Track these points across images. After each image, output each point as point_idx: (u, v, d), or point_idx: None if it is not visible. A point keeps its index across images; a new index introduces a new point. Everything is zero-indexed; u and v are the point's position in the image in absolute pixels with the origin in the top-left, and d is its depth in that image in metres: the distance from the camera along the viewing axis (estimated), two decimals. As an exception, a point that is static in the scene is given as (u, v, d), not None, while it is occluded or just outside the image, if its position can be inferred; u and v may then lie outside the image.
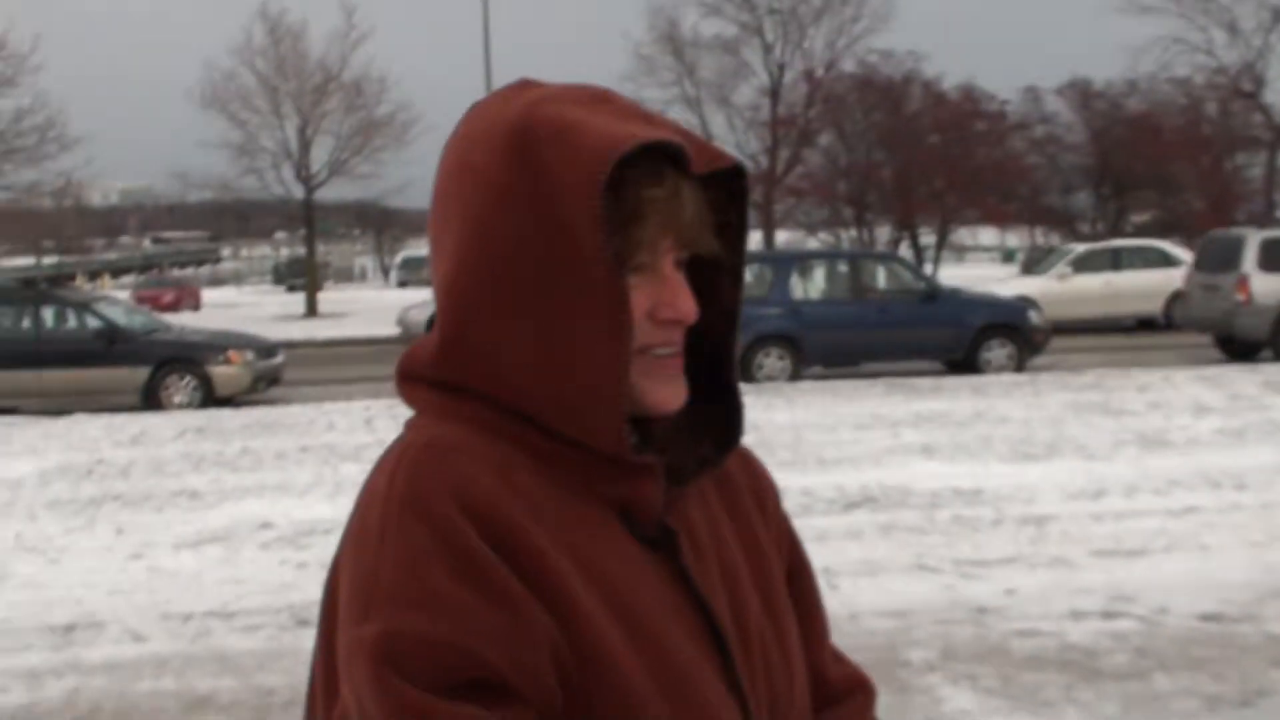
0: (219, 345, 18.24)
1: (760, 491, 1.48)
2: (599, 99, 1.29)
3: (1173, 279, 25.51)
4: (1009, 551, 7.66)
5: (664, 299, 1.26)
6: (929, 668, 5.70)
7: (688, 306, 1.26)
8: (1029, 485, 9.60)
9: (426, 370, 1.31)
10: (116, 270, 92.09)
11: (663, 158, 1.24)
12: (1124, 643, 5.97)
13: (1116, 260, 27.68)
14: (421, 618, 1.14)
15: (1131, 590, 6.77)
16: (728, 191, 1.32)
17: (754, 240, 42.52)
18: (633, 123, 1.25)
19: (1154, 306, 26.22)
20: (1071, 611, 6.45)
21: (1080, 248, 29.99)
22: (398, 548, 1.17)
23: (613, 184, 1.21)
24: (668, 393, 1.29)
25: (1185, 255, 28.36)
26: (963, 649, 5.93)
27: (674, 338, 1.28)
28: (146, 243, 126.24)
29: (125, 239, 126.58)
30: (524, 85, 1.32)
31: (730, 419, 1.39)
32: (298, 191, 44.71)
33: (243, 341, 18.96)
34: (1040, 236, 55.18)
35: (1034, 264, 32.74)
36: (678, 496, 1.32)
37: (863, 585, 6.91)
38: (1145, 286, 25.91)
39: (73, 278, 74.06)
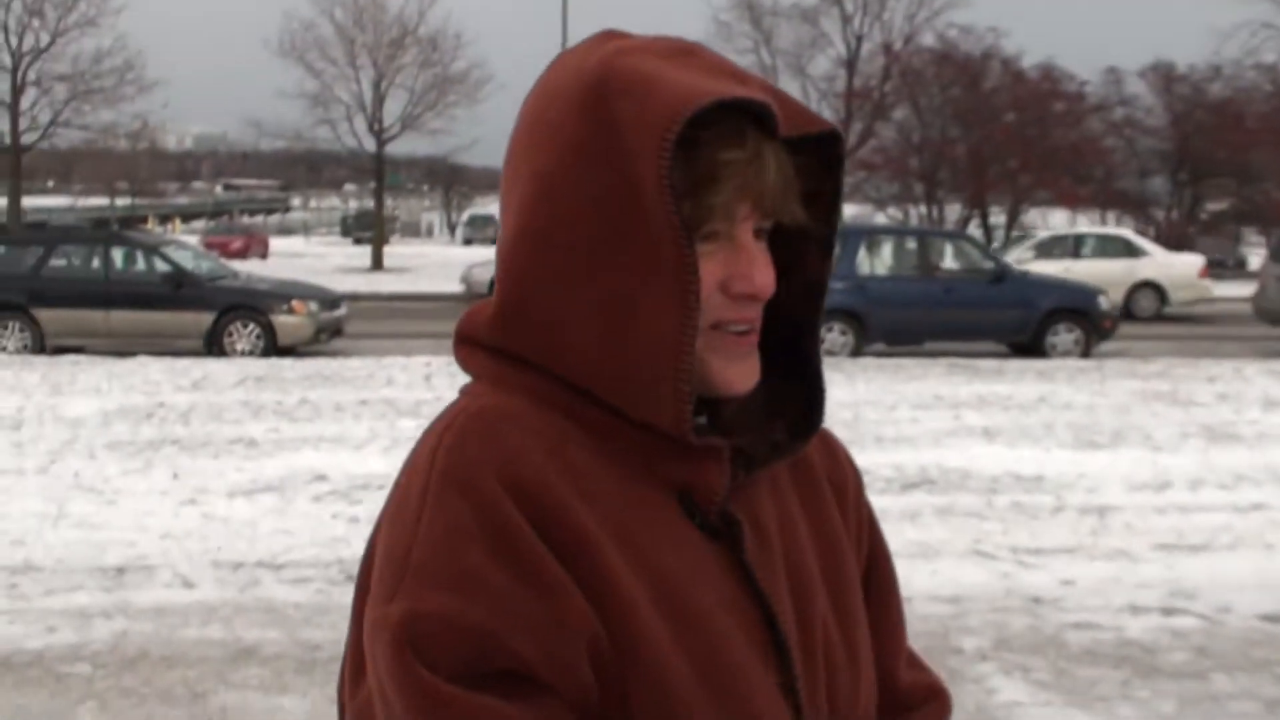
0: (284, 295, 18.33)
1: (840, 479, 1.38)
2: (685, 52, 1.20)
3: (1135, 269, 25.20)
4: (1068, 541, 7.52)
5: (739, 270, 1.16)
6: (981, 657, 5.59)
7: (764, 280, 1.17)
8: (1092, 474, 9.43)
9: (485, 335, 1.23)
10: (187, 215, 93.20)
11: (745, 118, 1.15)
12: (1183, 640, 5.84)
13: (1078, 248, 27.39)
14: (452, 600, 1.07)
15: (1193, 587, 6.61)
16: (820, 158, 1.23)
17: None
18: (718, 79, 1.16)
19: (1115, 296, 25.72)
20: (1130, 606, 6.31)
21: (1043, 233, 29.76)
22: (434, 523, 1.10)
23: (687, 143, 1.12)
24: (738, 372, 1.19)
25: (1150, 246, 28.15)
26: (1016, 639, 5.82)
27: (748, 314, 1.18)
28: (218, 189, 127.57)
29: (198, 184, 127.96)
30: (607, 36, 1.23)
31: (810, 402, 1.30)
32: (369, 144, 44.95)
33: (307, 292, 19.05)
34: (1113, 220, 54.51)
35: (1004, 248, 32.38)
36: (746, 484, 1.23)
37: (917, 569, 6.80)
38: (1106, 275, 24.80)
39: (145, 220, 74.95)
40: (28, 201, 48.51)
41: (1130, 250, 27.48)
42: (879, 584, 1.40)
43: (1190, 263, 28.23)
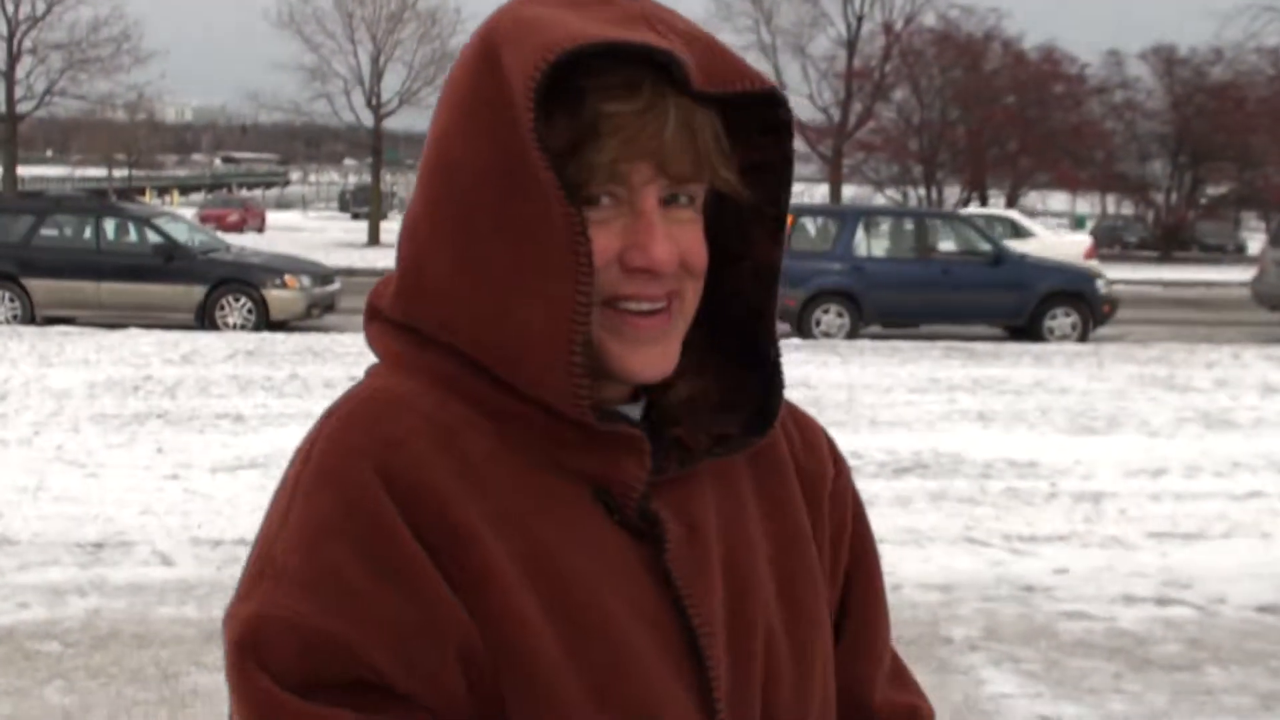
0: (276, 269, 18.18)
1: (816, 472, 1.25)
2: (600, 3, 1.06)
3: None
4: (1062, 528, 7.41)
5: (635, 240, 1.04)
6: (970, 647, 5.48)
7: (663, 253, 1.03)
8: (1086, 460, 9.32)
9: (389, 309, 1.12)
10: (186, 187, 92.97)
11: (648, 69, 1.02)
12: (1177, 631, 5.73)
13: None
14: (306, 603, 0.98)
15: (1187, 576, 6.51)
16: (766, 124, 1.10)
17: (821, 194, 42.11)
18: (625, 25, 1.03)
19: None
20: (1124, 595, 6.20)
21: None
22: (301, 517, 1.01)
23: (572, 95, 1.01)
24: (642, 359, 1.07)
25: (1036, 227, 27.99)
26: (1007, 629, 5.71)
27: (650, 290, 1.05)
28: (217, 162, 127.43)
29: (197, 156, 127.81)
30: None
31: (767, 394, 1.17)
32: (367, 119, 44.80)
33: (300, 266, 18.90)
34: (1112, 203, 54.35)
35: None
36: (679, 478, 1.11)
37: (907, 555, 6.69)
38: None
39: (142, 192, 74.73)
40: (27, 171, 48.43)
41: (1016, 231, 27.54)
42: (861, 586, 1.28)
43: (1076, 242, 28.28)
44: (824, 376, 13.06)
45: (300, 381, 12.33)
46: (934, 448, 9.63)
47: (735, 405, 1.16)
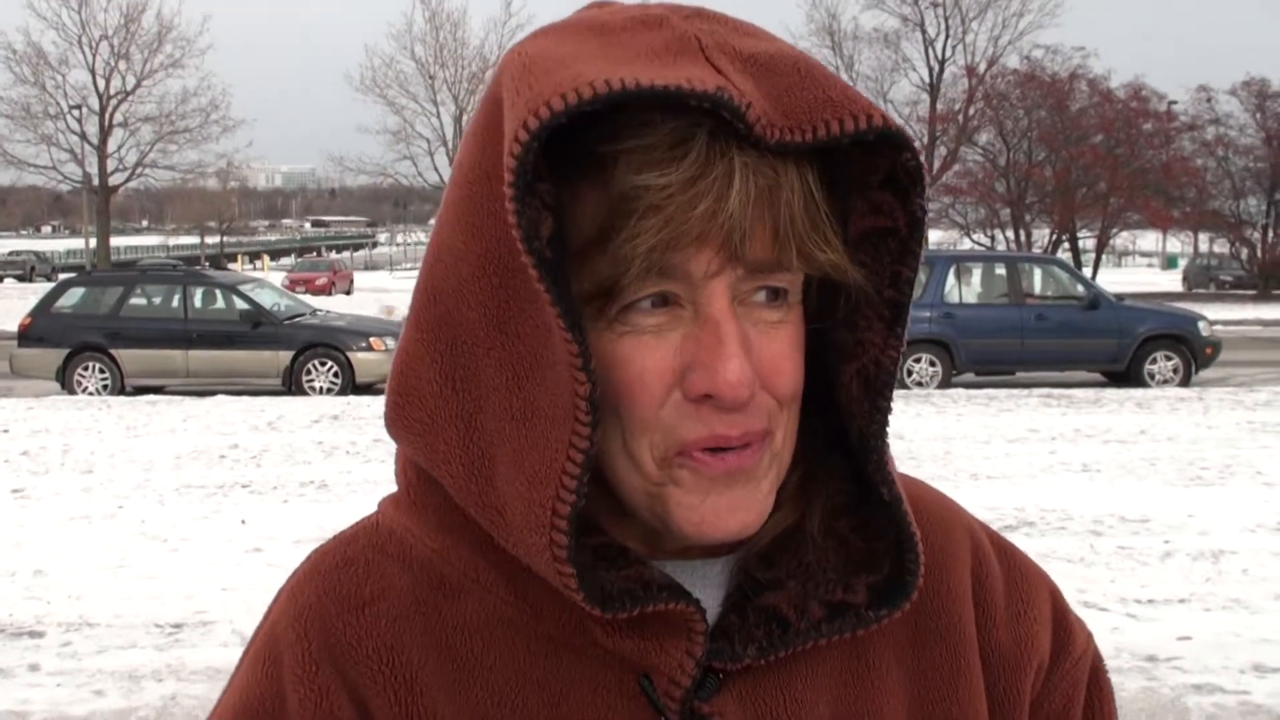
0: (361, 331, 18.17)
1: (1015, 659, 0.92)
2: (648, 22, 0.79)
3: None
4: (1181, 590, 6.98)
5: (699, 358, 0.76)
6: (1092, 725, 5.10)
7: (736, 372, 0.75)
8: (1200, 513, 8.86)
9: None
10: (276, 251, 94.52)
11: (709, 117, 0.73)
12: (1316, 705, 5.31)
13: None
14: None
15: (1322, 642, 6.07)
16: (888, 175, 0.80)
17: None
18: (670, 58, 0.75)
19: None
20: (1254, 665, 5.78)
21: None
22: (235, 696, 0.84)
23: (596, 165, 0.74)
24: (711, 509, 0.79)
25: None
26: (1132, 706, 5.33)
27: (721, 427, 0.77)
28: (306, 225, 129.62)
29: (287, 221, 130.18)
30: (587, 8, 0.85)
31: (902, 546, 0.85)
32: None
33: (385, 328, 18.89)
34: (1206, 242, 53.34)
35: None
36: (774, 665, 0.83)
37: (1018, 622, 6.32)
38: None
39: (234, 258, 75.98)
40: (123, 241, 49.39)
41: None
42: None
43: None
44: (919, 428, 12.67)
45: (385, 446, 12.17)
46: (1038, 503, 9.23)
47: (868, 566, 0.86)
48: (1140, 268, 69.61)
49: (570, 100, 0.70)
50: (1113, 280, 39.59)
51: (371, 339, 17.77)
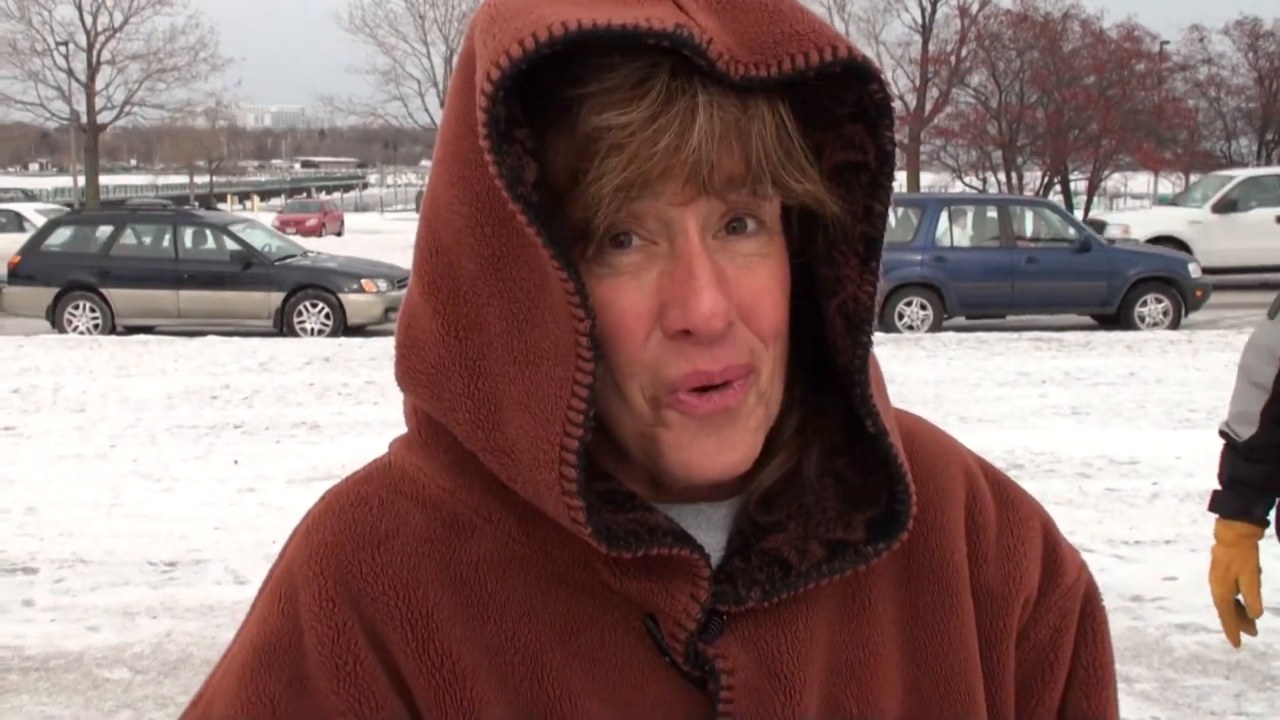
0: (353, 273, 18.12)
1: (1004, 595, 0.93)
2: None
3: None
4: (1168, 531, 7.05)
5: (674, 292, 0.77)
6: (1078, 663, 5.17)
7: (711, 303, 0.75)
8: (1188, 455, 8.90)
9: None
10: (266, 192, 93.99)
11: (673, 56, 0.74)
12: (1299, 644, 5.38)
13: None
14: None
15: (1306, 582, 6.13)
16: (856, 108, 0.80)
17: (899, 182, 41.58)
18: (632, 3, 0.75)
19: None
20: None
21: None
22: (246, 636, 0.86)
23: (561, 107, 0.75)
24: (700, 450, 0.80)
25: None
26: (1117, 644, 5.36)
27: (702, 362, 0.78)
28: (296, 166, 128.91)
29: (277, 161, 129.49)
30: None
31: (893, 483, 0.85)
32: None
33: (376, 270, 18.84)
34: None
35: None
36: (774, 607, 0.84)
37: (1005, 562, 6.39)
38: None
39: (223, 198, 75.61)
40: (111, 180, 49.09)
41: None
42: None
43: None
44: (909, 373, 12.70)
45: (377, 388, 12.20)
46: (1028, 446, 9.28)
47: (863, 502, 0.87)
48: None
49: (528, 46, 0.71)
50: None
51: (363, 280, 17.72)
